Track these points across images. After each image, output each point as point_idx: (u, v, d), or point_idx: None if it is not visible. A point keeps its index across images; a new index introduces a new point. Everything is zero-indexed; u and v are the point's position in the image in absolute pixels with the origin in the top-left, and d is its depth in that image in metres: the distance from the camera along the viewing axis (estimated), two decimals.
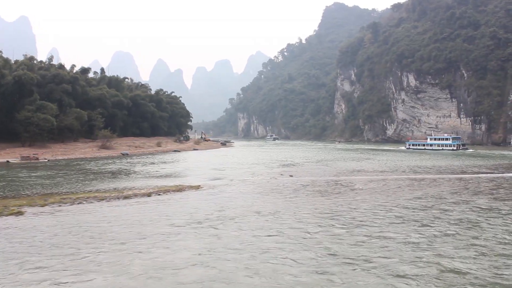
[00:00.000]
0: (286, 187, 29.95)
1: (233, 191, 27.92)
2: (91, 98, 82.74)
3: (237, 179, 34.45)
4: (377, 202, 23.78)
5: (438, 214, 20.33)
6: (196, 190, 27.16)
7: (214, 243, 14.69)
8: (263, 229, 16.88)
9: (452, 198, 25.33)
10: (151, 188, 27.46)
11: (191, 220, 18.35)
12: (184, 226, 17.28)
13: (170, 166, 48.71)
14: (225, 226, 17.48)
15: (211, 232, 16.39)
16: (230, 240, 15.10)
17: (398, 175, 39.60)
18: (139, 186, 29.83)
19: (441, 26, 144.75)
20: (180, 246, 14.29)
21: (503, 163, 54.41)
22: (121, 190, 26.46)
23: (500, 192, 27.76)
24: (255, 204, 22.71)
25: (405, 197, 25.77)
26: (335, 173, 41.52)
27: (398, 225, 17.91)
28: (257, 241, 15.09)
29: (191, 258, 12.98)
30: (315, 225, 17.85)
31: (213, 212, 20.35)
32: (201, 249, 13.98)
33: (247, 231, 16.54)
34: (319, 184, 32.37)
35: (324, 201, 24.23)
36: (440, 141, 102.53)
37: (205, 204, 22.34)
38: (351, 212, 20.83)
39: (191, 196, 24.81)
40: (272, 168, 45.54)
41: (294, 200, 24.55)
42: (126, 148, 77.35)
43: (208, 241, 14.97)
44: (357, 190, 29.07)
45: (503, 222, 18.52)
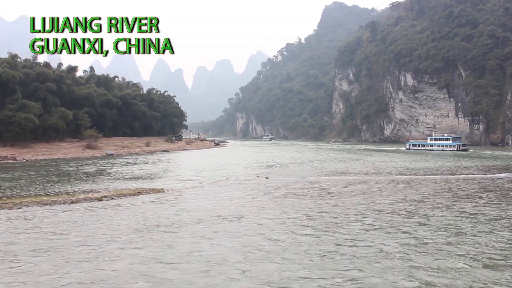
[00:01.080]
0: (257, 190, 28.27)
1: (198, 194, 26.23)
2: (79, 97, 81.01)
3: (209, 181, 32.72)
4: (351, 206, 22.13)
5: (418, 219, 18.75)
6: (157, 194, 25.39)
7: (158, 253, 13.19)
8: (219, 237, 15.36)
9: (435, 201, 23.63)
10: (107, 191, 25.68)
11: (136, 227, 16.64)
12: (126, 234, 15.56)
13: (149, 167, 47.01)
14: (174, 233, 15.96)
15: (156, 240, 14.81)
16: (176, 250, 13.60)
17: (382, 176, 37.80)
18: (100, 189, 28.14)
19: (439, 25, 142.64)
20: (114, 257, 12.74)
21: (504, 164, 52.56)
22: (73, 194, 24.72)
23: (489, 195, 25.93)
24: (217, 209, 21.10)
25: (383, 200, 24.18)
26: (317, 174, 39.79)
27: (370, 232, 16.39)
28: (210, 250, 13.65)
29: (126, 271, 11.53)
30: (279, 231, 16.31)
31: (168, 217, 18.73)
32: (141, 260, 12.46)
33: (200, 239, 15.02)
34: (294, 186, 30.62)
35: (294, 204, 22.59)
36: (440, 142, 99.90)
37: (160, 209, 20.62)
38: (321, 217, 19.29)
39: (147, 201, 23.04)
40: (253, 169, 43.80)
41: (262, 203, 22.91)
42: (112, 148, 75.71)
43: (151, 251, 13.42)
44: (333, 193, 27.37)
45: (489, 229, 16.75)
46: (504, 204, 22.65)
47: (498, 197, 25.41)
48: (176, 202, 22.96)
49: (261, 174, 38.34)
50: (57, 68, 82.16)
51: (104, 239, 14.88)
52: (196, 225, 17.39)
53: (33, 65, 75.02)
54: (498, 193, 26.88)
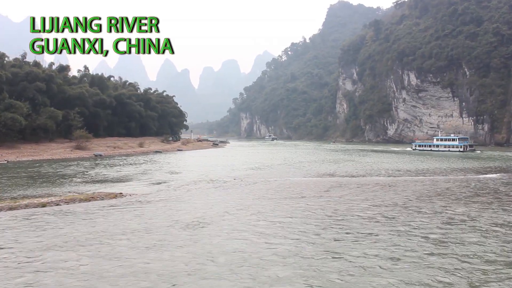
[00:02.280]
0: (226, 194, 26.60)
1: (159, 199, 24.39)
2: (70, 97, 79.56)
3: (180, 185, 30.95)
4: (318, 210, 20.43)
5: (394, 226, 16.97)
6: (111, 199, 23.59)
7: (72, 270, 11.72)
8: (164, 248, 13.90)
9: (417, 205, 21.60)
10: (58, 196, 23.94)
11: (63, 239, 14.88)
12: (48, 247, 13.81)
13: (130, 169, 45.28)
14: (104, 244, 14.29)
15: (76, 253, 13.09)
16: (102, 263, 12.08)
17: (368, 178, 35.80)
18: (59, 193, 26.50)
19: (443, 23, 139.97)
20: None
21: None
22: (17, 199, 22.96)
23: (481, 198, 23.86)
24: (174, 215, 19.44)
25: (358, 204, 22.47)
26: (301, 176, 38.04)
27: (342, 241, 14.84)
28: (137, 263, 12.20)
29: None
30: (238, 241, 14.76)
31: (108, 227, 16.88)
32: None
33: (144, 251, 13.47)
34: (269, 189, 28.68)
35: (260, 209, 20.95)
36: (446, 142, 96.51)
37: (105, 217, 18.85)
38: (287, 224, 17.65)
39: (96, 207, 21.26)
40: (235, 171, 41.97)
41: (224, 209, 21.15)
42: (104, 148, 74.22)
43: (65, 267, 11.86)
44: (306, 197, 25.57)
45: (479, 241, 14.79)
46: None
47: (488, 200, 23.36)
48: (128, 208, 21.14)
49: (241, 176, 36.55)
50: (47, 68, 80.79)
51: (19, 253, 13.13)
52: (144, 233, 15.88)
53: (22, 65, 73.68)
54: (487, 197, 24.80)
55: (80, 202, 22.21)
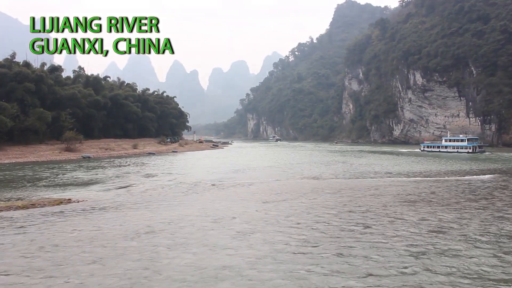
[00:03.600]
0: (192, 198, 24.64)
1: (112, 206, 22.51)
2: (63, 98, 78.16)
3: (147, 189, 29.10)
4: (281, 217, 18.62)
5: (366, 235, 15.12)
6: (54, 206, 21.73)
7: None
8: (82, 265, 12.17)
9: (398, 211, 19.39)
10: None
11: None
12: None
13: (109, 172, 43.47)
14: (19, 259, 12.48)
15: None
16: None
17: (346, 179, 33.58)
18: (9, 197, 24.82)
19: (449, 21, 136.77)
20: None
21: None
22: None
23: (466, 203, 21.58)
24: (116, 226, 17.49)
25: (331, 210, 20.82)
26: (285, 178, 36.00)
27: (297, 255, 13.28)
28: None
29: None
30: (178, 260, 12.94)
31: (32, 239, 15.07)
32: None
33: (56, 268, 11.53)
34: (239, 192, 26.66)
35: (219, 216, 18.90)
36: (455, 143, 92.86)
37: (33, 227, 16.96)
38: (235, 233, 16.02)
39: (30, 214, 19.37)
40: (217, 174, 40.06)
41: (172, 216, 19.31)
42: (95, 150, 72.69)
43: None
44: (275, 201, 23.78)
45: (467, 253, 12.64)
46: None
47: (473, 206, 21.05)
48: (65, 217, 19.20)
49: (221, 179, 34.82)
50: (38, 68, 79.54)
51: None
52: (68, 248, 14.07)
53: (11, 65, 72.44)
54: (474, 202, 22.46)
55: (17, 209, 20.36)
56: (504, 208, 21.66)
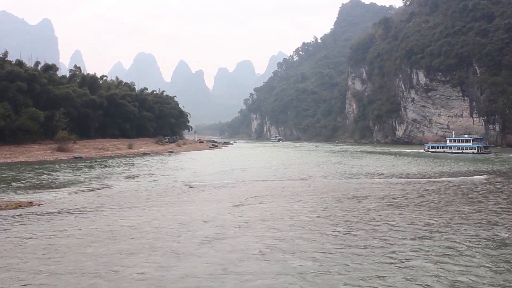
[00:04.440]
0: (161, 202, 23.36)
1: (73, 209, 21.30)
2: (57, 98, 77.18)
3: (119, 191, 27.86)
4: (254, 217, 16.93)
5: (339, 243, 13.62)
6: (11, 210, 20.55)
7: None
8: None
9: (363, 215, 17.98)
10: None
11: None
12: None
13: (92, 172, 42.33)
14: None
15: None
16: None
17: (335, 180, 32.20)
18: None
19: (453, 19, 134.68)
20: None
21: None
22: None
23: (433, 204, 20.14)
24: (59, 230, 16.31)
25: (305, 214, 19.46)
26: (270, 179, 34.74)
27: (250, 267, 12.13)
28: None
29: None
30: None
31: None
32: None
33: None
34: (214, 194, 25.36)
35: (178, 222, 17.43)
36: (459, 143, 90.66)
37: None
38: (173, 251, 14.09)
39: None
40: (201, 175, 38.83)
41: (129, 217, 18.39)
42: (88, 150, 71.69)
43: None
44: (250, 204, 22.69)
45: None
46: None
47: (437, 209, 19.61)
48: (17, 221, 17.99)
49: (203, 180, 33.81)
50: (31, 67, 78.59)
51: None
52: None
53: (3, 64, 71.50)
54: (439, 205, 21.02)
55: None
56: (497, 212, 20.25)
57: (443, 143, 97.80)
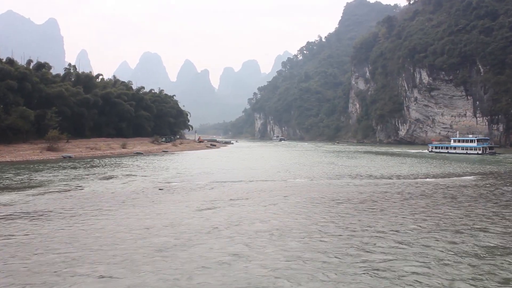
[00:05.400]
0: (122, 201, 22.00)
1: (26, 212, 20.11)
2: (49, 96, 76.23)
3: (88, 192, 26.62)
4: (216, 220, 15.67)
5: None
6: None
7: None
8: None
9: (336, 219, 16.59)
10: None
11: None
12: None
13: (72, 173, 41.11)
14: None
15: None
16: None
17: (319, 181, 30.77)
18: None
19: (456, 18, 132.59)
20: None
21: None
22: None
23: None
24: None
25: (271, 217, 18.22)
26: (256, 179, 33.40)
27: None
28: None
29: None
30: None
31: None
32: None
33: None
34: (176, 195, 24.04)
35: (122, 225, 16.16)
36: (464, 143, 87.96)
37: None
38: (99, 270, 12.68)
39: None
40: (181, 176, 37.55)
41: (79, 223, 17.21)
42: (79, 150, 70.55)
43: None
44: (213, 206, 21.13)
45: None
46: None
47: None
48: None
49: (180, 181, 32.56)
50: (22, 65, 77.64)
51: None
52: None
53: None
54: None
55: None
56: (482, 219, 18.73)
57: (447, 144, 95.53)
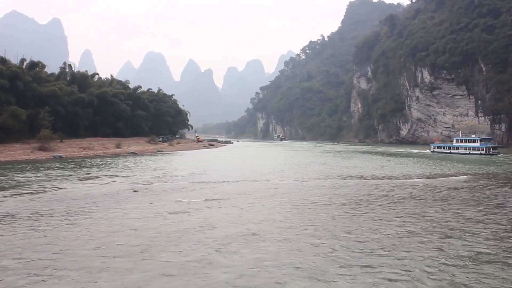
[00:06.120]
0: (92, 204, 20.97)
1: None
2: (42, 95, 75.36)
3: (61, 194, 25.66)
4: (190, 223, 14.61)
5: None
6: None
7: None
8: None
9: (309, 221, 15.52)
10: None
11: None
12: None
13: (54, 173, 40.18)
14: None
15: None
16: None
17: (304, 182, 29.66)
18: None
19: (458, 16, 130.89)
20: None
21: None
22: None
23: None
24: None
25: (239, 221, 16.63)
26: (239, 180, 32.35)
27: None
28: None
29: None
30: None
31: None
32: None
33: None
34: (146, 196, 22.99)
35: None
36: (466, 143, 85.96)
37: None
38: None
39: None
40: (166, 177, 36.46)
41: (41, 228, 16.40)
42: (72, 150, 69.66)
43: None
44: (184, 210, 20.07)
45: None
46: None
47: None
48: None
49: (161, 181, 31.40)
50: (15, 64, 76.77)
51: None
52: None
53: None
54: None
55: None
56: (462, 225, 17.55)
57: (449, 143, 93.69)
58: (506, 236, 15.59)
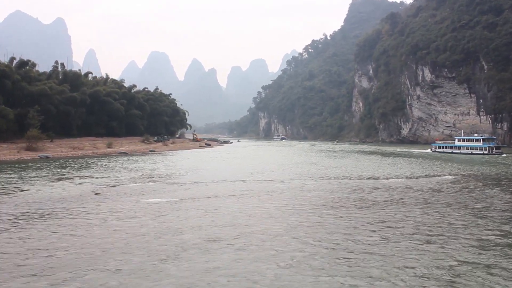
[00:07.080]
0: (49, 208, 19.59)
1: None
2: (32, 95, 74.22)
3: (22, 197, 24.30)
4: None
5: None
6: None
7: None
8: None
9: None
10: None
11: None
12: None
13: (30, 174, 38.91)
14: None
15: None
16: None
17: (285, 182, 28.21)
18: None
19: (459, 13, 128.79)
20: None
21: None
22: None
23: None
24: None
25: (202, 223, 15.56)
26: (217, 180, 30.99)
27: None
28: None
29: None
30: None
31: None
32: None
33: None
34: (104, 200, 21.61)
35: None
36: (469, 143, 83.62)
37: None
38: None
39: None
40: (143, 178, 35.08)
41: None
42: (61, 150, 68.47)
43: None
44: (144, 214, 18.61)
45: None
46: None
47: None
48: None
49: (141, 182, 29.85)
50: (2, 63, 75.60)
51: None
52: None
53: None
54: None
55: None
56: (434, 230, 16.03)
57: (451, 143, 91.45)
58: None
